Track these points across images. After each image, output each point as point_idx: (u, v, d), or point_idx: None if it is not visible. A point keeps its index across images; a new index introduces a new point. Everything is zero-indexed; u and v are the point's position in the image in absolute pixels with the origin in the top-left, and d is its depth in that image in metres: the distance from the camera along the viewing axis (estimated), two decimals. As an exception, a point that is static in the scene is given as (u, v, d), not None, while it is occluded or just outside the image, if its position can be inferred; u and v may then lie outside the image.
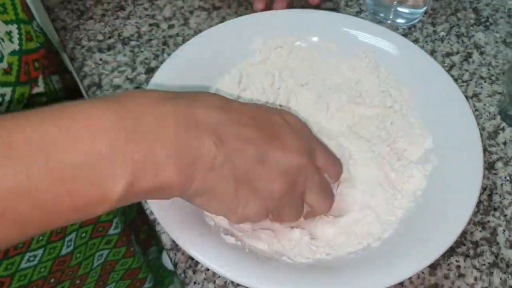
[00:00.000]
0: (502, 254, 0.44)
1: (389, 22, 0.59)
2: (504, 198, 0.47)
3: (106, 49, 0.56)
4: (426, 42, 0.59)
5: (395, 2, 0.58)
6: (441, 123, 0.45)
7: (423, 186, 0.42)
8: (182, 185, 0.31)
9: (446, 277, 0.43)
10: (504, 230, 0.46)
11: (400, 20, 0.59)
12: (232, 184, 0.33)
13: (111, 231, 0.56)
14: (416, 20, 0.60)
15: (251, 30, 0.50)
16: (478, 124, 0.47)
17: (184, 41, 0.57)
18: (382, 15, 0.60)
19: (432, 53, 0.57)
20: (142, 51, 0.56)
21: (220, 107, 0.34)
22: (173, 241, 0.43)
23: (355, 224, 0.41)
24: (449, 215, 0.39)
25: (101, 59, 0.55)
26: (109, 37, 0.57)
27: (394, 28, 0.60)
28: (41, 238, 0.47)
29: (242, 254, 0.36)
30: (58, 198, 0.27)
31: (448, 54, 0.58)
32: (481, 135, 0.48)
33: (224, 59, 0.49)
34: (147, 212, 0.46)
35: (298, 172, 0.36)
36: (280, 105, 0.48)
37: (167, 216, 0.38)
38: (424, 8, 0.59)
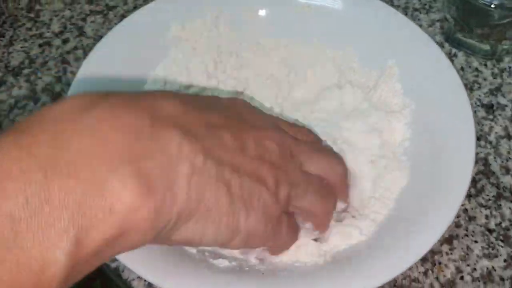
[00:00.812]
0: (502, 182, 0.41)
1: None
2: (483, 125, 0.44)
3: (-5, 86, 0.47)
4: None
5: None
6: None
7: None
8: (156, 214, 0.22)
9: (458, 225, 0.39)
10: (495, 158, 0.42)
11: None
12: (222, 187, 0.25)
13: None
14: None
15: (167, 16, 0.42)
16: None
17: (85, 53, 0.49)
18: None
19: (358, -3, 0.53)
20: (40, 78, 0.47)
21: (172, 97, 0.26)
22: None
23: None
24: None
25: (-8, 100, 0.46)
26: (-5, 72, 0.48)
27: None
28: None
29: (247, 276, 0.30)
30: None
31: (374, -6, 0.53)
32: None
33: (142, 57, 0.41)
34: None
35: (281, 146, 0.29)
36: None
37: (138, 258, 0.30)
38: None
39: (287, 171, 0.29)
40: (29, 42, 0.50)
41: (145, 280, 0.36)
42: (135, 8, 0.52)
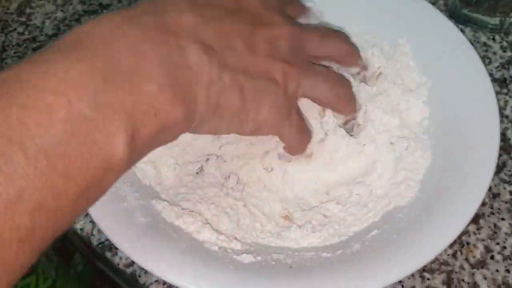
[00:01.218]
0: (523, 157, 0.40)
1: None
2: (498, 100, 0.42)
3: (-10, 94, 0.45)
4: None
5: None
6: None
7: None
8: (186, 116, 0.27)
9: (483, 203, 0.37)
10: (513, 132, 0.41)
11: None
12: (236, 91, 0.29)
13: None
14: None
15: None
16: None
17: (82, 55, 0.47)
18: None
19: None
20: (36, 82, 0.45)
21: (187, 7, 0.29)
22: (170, 288, 0.34)
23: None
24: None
25: (-11, 108, 0.44)
26: (-11, 79, 0.46)
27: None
28: None
29: (279, 272, 0.28)
30: (55, 186, 0.22)
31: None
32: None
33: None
34: (117, 265, 0.36)
35: (291, 41, 0.32)
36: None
37: (155, 258, 0.29)
38: None
39: (296, 64, 0.32)
40: (22, 47, 0.48)
41: (163, 284, 0.35)
42: (130, 5, 0.50)
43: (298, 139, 0.35)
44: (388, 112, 0.35)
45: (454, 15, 0.48)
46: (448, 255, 0.35)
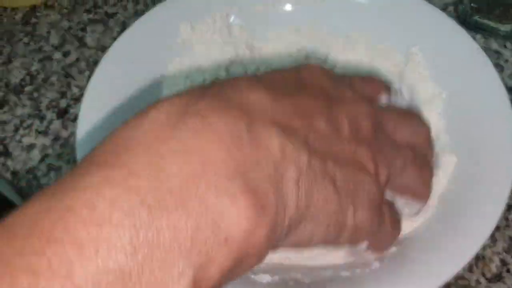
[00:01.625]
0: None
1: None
2: (510, 109, 0.42)
3: (-3, 107, 0.44)
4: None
5: None
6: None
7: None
8: (272, 232, 0.20)
9: (498, 215, 0.37)
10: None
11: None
12: (330, 184, 0.23)
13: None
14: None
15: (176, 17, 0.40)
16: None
17: (88, 65, 0.46)
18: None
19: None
20: (43, 94, 0.45)
21: (256, 85, 0.23)
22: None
23: None
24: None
25: (-4, 121, 0.43)
26: (-5, 92, 0.45)
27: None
28: None
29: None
30: None
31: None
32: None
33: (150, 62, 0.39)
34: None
35: (372, 119, 0.27)
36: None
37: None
38: None
39: (382, 148, 0.27)
40: (28, 57, 0.47)
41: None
42: (136, 13, 0.50)
43: (392, 237, 0.29)
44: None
45: (464, 22, 0.47)
46: (464, 269, 0.35)
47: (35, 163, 0.41)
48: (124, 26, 0.49)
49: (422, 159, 0.30)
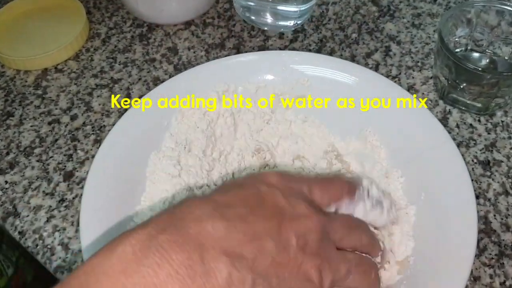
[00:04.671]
0: (503, 240, 0.42)
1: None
2: (481, 182, 0.46)
3: (8, 168, 0.48)
4: (343, 48, 0.56)
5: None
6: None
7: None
8: None
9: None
10: (494, 215, 0.44)
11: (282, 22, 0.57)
12: None
13: None
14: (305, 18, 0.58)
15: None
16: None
17: (94, 129, 0.50)
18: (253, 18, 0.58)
19: (353, 57, 0.55)
20: (51, 157, 0.48)
21: (211, 214, 0.27)
22: None
23: None
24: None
25: (6, 182, 0.47)
26: (7, 153, 0.49)
27: (278, 33, 0.57)
28: None
29: None
30: None
31: (368, 55, 0.56)
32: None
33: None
34: None
35: (320, 233, 0.30)
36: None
37: None
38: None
39: (328, 257, 0.31)
40: (38, 120, 0.51)
41: None
42: (139, 80, 0.54)
43: None
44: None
45: (443, 97, 0.51)
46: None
47: (41, 223, 0.44)
48: (128, 92, 0.53)
49: (368, 263, 0.34)
